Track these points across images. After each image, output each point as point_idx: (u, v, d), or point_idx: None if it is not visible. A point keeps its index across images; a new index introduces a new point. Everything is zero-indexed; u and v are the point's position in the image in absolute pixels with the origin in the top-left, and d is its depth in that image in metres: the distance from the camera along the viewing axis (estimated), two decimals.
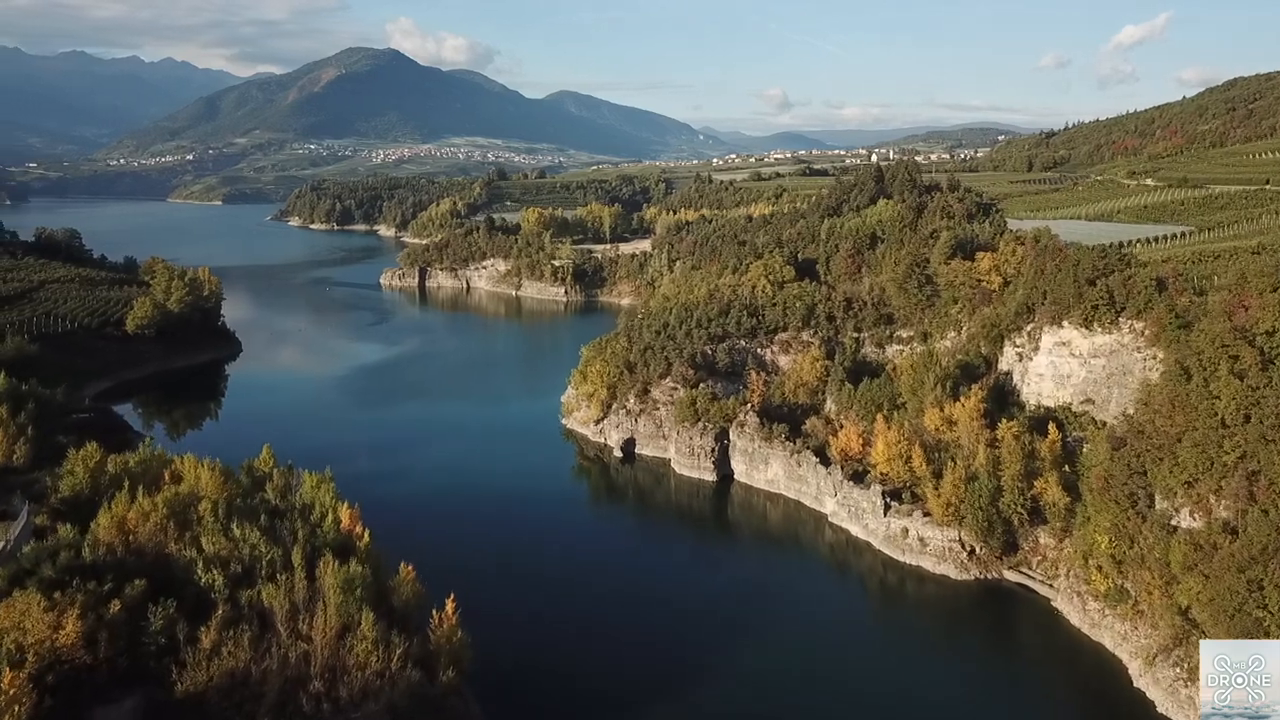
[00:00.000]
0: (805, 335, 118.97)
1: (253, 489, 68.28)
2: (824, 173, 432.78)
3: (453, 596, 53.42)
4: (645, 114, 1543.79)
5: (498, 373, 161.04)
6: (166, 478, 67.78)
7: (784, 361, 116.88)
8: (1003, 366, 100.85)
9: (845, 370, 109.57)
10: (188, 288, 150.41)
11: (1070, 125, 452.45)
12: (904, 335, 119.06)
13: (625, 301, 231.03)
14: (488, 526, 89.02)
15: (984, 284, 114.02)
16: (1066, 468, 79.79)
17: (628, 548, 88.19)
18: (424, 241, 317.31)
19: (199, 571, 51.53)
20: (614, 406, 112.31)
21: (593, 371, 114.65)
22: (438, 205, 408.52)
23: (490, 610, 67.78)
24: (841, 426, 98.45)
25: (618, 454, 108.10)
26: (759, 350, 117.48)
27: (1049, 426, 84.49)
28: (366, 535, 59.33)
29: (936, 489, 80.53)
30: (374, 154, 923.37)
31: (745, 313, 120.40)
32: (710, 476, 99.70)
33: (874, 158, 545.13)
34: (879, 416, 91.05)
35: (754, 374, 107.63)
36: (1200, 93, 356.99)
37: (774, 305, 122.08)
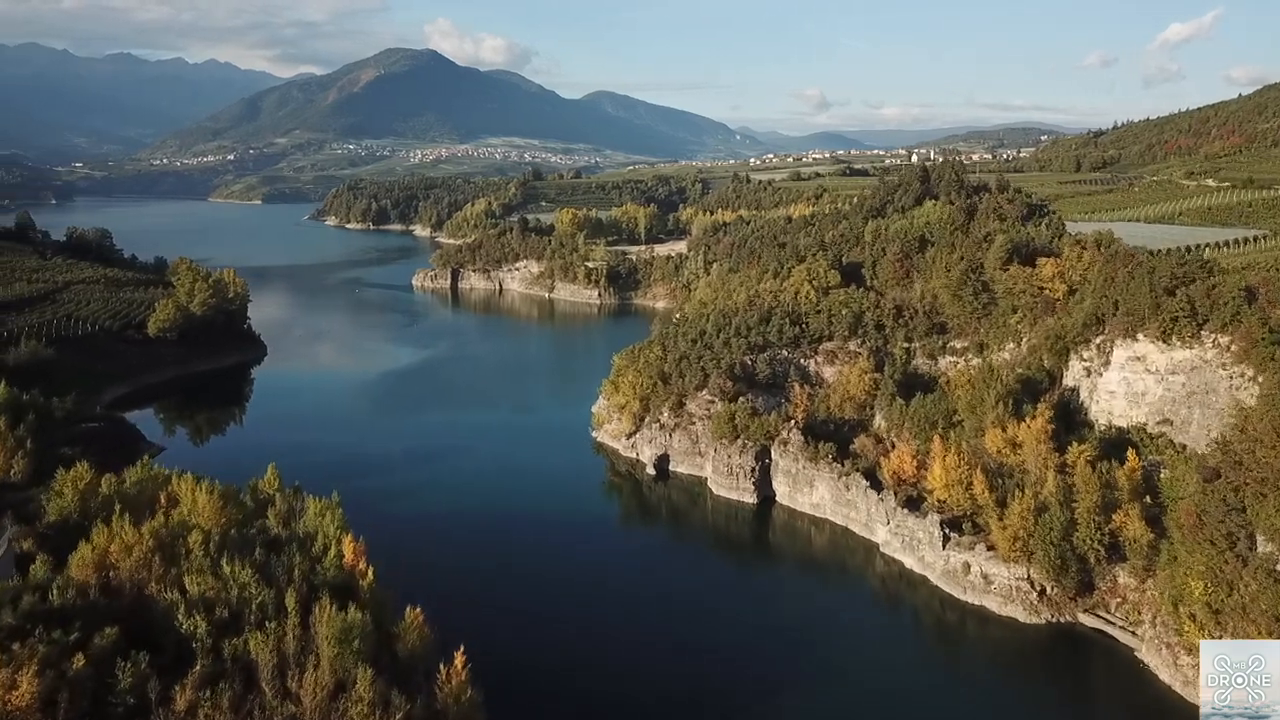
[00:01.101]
0: (852, 345, 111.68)
1: (254, 514, 63.00)
2: (864, 173, 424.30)
3: (462, 650, 47.31)
4: (682, 114, 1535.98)
5: (527, 379, 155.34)
6: (162, 500, 62.72)
7: (829, 373, 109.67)
8: (1068, 382, 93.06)
9: (895, 383, 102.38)
10: (211, 289, 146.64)
11: (1119, 125, 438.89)
12: (958, 346, 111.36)
13: (660, 305, 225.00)
14: (509, 549, 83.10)
15: (1047, 292, 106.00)
16: (1147, 499, 72.01)
17: (660, 576, 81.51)
18: (458, 242, 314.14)
19: (180, 617, 45.99)
20: (647, 420, 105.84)
21: (625, 382, 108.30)
22: (473, 205, 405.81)
23: (509, 647, 62.04)
24: (893, 446, 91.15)
25: (650, 471, 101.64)
26: (802, 361, 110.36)
27: (1127, 452, 76.72)
28: (370, 573, 53.49)
29: (1001, 520, 72.99)
30: (411, 154, 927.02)
31: (788, 320, 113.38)
32: (750, 498, 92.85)
33: (914, 158, 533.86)
34: (935, 437, 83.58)
35: (797, 387, 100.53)
36: (1258, 90, 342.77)
37: (818, 312, 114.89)
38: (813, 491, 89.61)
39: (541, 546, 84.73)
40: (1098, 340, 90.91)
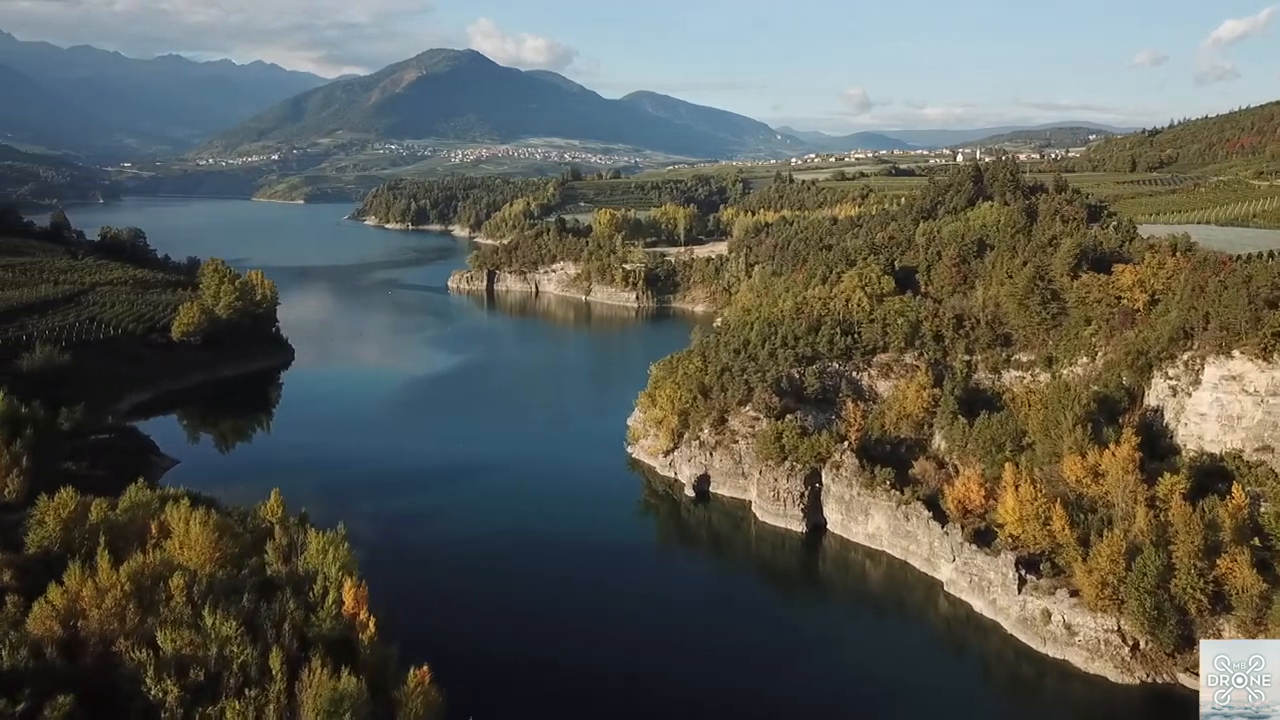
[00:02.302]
0: (908, 357, 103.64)
1: (251, 547, 57.10)
2: (910, 173, 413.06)
3: None
4: (722, 114, 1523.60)
5: (560, 387, 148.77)
6: (154, 530, 57.17)
7: (883, 387, 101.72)
8: (1150, 402, 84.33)
9: (956, 400, 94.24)
10: (238, 292, 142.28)
11: (1175, 123, 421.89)
12: (1024, 360, 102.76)
13: (699, 308, 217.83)
14: (537, 580, 76.65)
15: (1125, 301, 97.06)
16: (1256, 540, 63.43)
17: (700, 611, 74.07)
18: (496, 242, 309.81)
19: (148, 681, 39.97)
20: (686, 437, 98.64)
21: (662, 395, 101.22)
22: (511, 206, 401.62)
23: (532, 696, 55.55)
24: (956, 471, 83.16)
25: (690, 492, 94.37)
26: (854, 374, 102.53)
27: (1226, 484, 68.14)
28: (372, 624, 47.21)
29: (1086, 562, 64.71)
30: (452, 154, 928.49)
31: (838, 330, 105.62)
32: (798, 526, 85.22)
33: (959, 157, 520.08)
34: (1005, 464, 75.44)
35: (850, 404, 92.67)
36: None
37: (871, 321, 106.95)
38: (868, 520, 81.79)
39: (572, 577, 78.17)
40: (1185, 356, 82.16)
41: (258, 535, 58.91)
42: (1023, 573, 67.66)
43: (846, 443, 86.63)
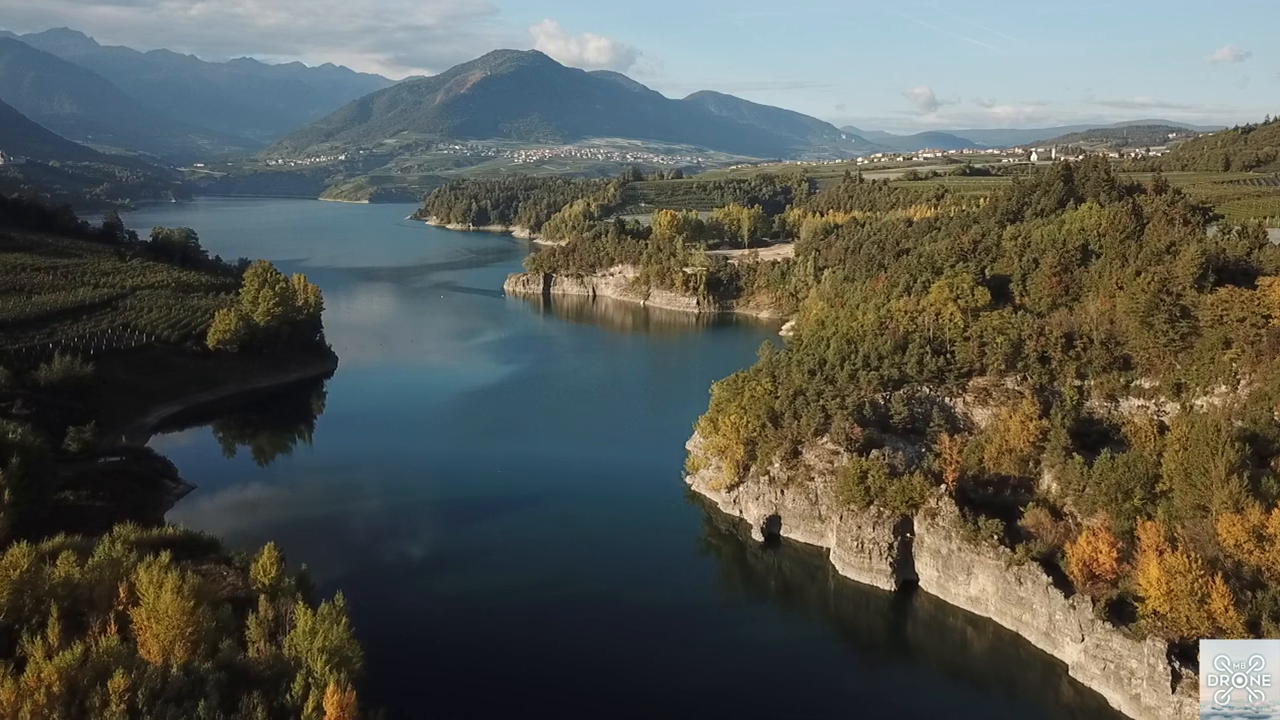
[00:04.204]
0: (1010, 381, 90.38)
1: (233, 618, 47.54)
2: (985, 172, 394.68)
3: None
4: (786, 113, 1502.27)
5: (613, 404, 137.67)
6: (122, 594, 48.10)
7: (981, 416, 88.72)
8: None
9: (1067, 432, 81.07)
10: (278, 298, 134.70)
11: (1272, 119, 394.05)
12: (1145, 386, 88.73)
13: (764, 315, 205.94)
14: (584, 638, 66.43)
15: (1275, 321, 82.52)
16: None
17: (768, 673, 62.50)
18: (555, 244, 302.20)
19: None
20: (753, 470, 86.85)
21: (726, 421, 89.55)
22: (571, 207, 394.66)
23: None
24: (1077, 523, 70.18)
25: (757, 535, 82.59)
26: (947, 400, 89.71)
27: None
28: None
29: None
30: (515, 154, 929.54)
31: (928, 349, 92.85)
32: (885, 583, 72.84)
33: (1033, 157, 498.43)
34: (1148, 525, 62.29)
35: (946, 438, 79.89)
36: None
37: (966, 340, 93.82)
38: (970, 581, 69.15)
39: (627, 632, 67.94)
40: None
41: (239, 603, 49.42)
42: (1177, 665, 54.47)
43: (944, 487, 73.98)
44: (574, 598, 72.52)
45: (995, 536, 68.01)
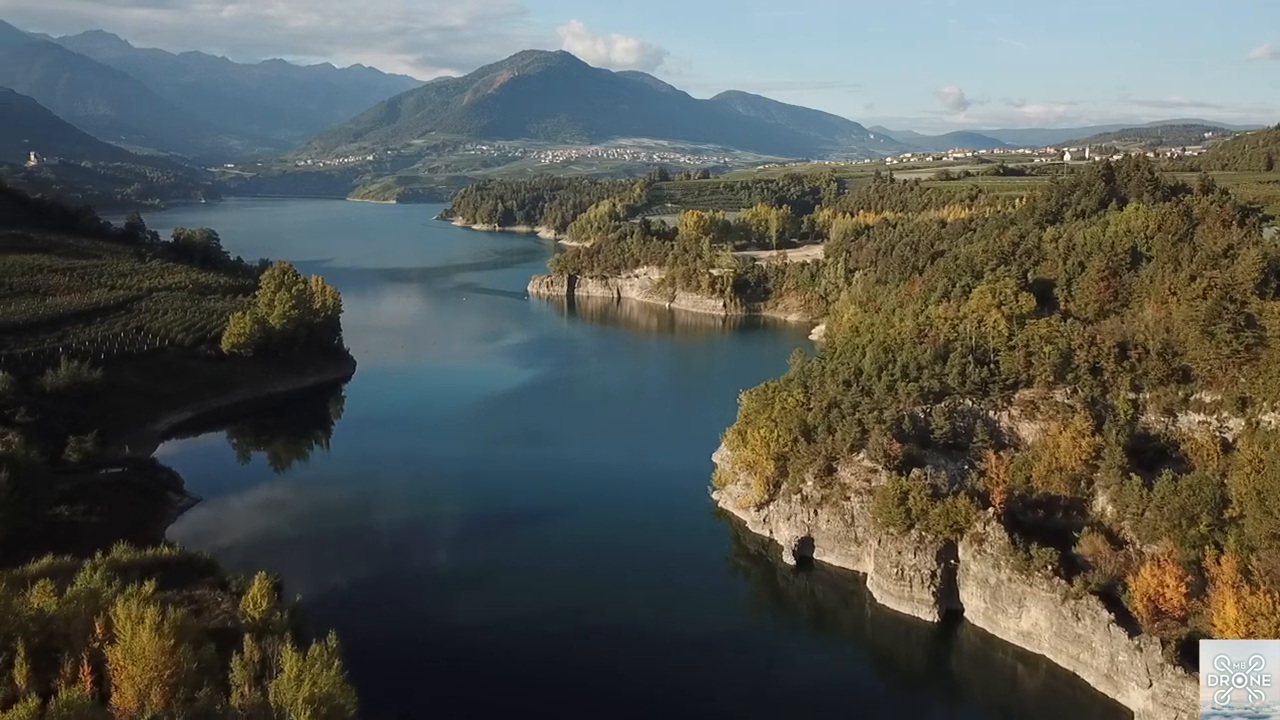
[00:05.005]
0: (1059, 394, 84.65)
1: (216, 656, 43.53)
2: (1019, 172, 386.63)
3: None
4: (814, 113, 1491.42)
5: (636, 411, 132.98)
6: (98, 630, 44.27)
7: (1027, 431, 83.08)
8: None
9: (1123, 450, 75.47)
10: (293, 300, 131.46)
11: None
12: (1206, 400, 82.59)
13: (792, 318, 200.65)
14: (603, 672, 61.97)
15: None
16: None
17: (803, 709, 57.93)
18: (580, 244, 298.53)
19: None
20: (784, 488, 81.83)
21: (755, 435, 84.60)
22: (596, 207, 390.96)
23: None
24: (1139, 551, 64.64)
25: (789, 558, 77.49)
26: (991, 414, 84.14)
27: None
28: None
29: None
30: (542, 155, 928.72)
31: (971, 359, 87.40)
32: (928, 613, 67.58)
33: (1066, 156, 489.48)
34: (1221, 559, 56.75)
35: (992, 456, 74.45)
36: None
37: (1011, 349, 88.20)
38: (1022, 614, 63.76)
39: (647, 661, 63.46)
40: None
41: (231, 637, 45.43)
42: None
43: (991, 510, 68.63)
44: (596, 623, 68.52)
45: (1049, 567, 62.59)
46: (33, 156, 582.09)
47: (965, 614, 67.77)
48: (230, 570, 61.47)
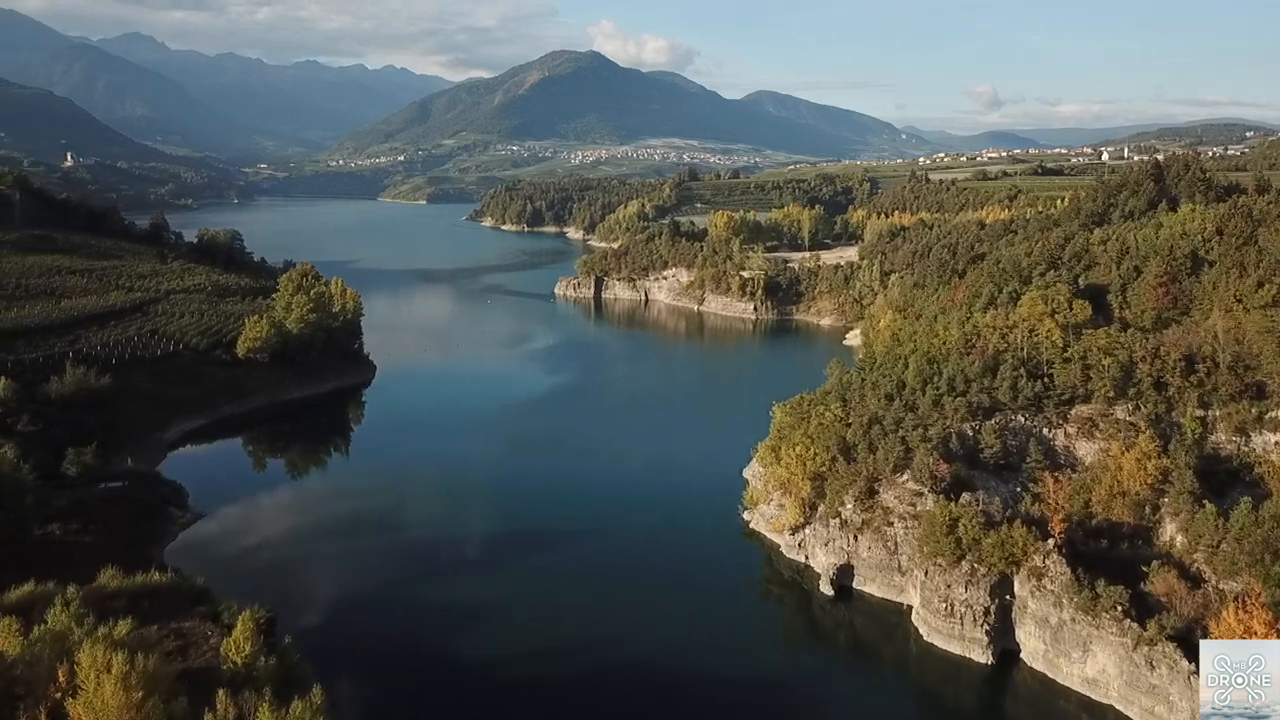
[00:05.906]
0: (1120, 411, 78.22)
1: (191, 714, 39.02)
2: (1057, 172, 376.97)
3: None
4: (845, 113, 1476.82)
5: (664, 418, 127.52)
6: (61, 679, 39.93)
7: (1085, 451, 76.80)
8: None
9: (1193, 474, 69.11)
10: (312, 304, 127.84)
11: None
12: None
13: (825, 321, 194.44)
14: (624, 699, 57.77)
15: None
16: None
17: None
18: (609, 245, 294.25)
19: None
20: (821, 511, 76.20)
21: (789, 452, 79.06)
22: (625, 208, 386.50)
23: None
24: (1218, 590, 58.37)
25: (826, 587, 71.96)
26: (1046, 432, 77.95)
27: None
28: None
29: None
30: (572, 155, 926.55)
31: (1023, 372, 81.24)
32: (980, 654, 61.73)
33: (1104, 156, 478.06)
34: None
35: (1050, 480, 68.41)
36: None
37: (1067, 361, 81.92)
38: (1086, 659, 57.72)
39: (674, 694, 58.74)
40: None
41: (212, 681, 40.95)
42: None
43: (1051, 540, 62.65)
44: (619, 656, 63.87)
45: (1119, 608, 56.50)
46: (69, 157, 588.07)
47: (1022, 655, 61.76)
48: (225, 598, 57.13)
